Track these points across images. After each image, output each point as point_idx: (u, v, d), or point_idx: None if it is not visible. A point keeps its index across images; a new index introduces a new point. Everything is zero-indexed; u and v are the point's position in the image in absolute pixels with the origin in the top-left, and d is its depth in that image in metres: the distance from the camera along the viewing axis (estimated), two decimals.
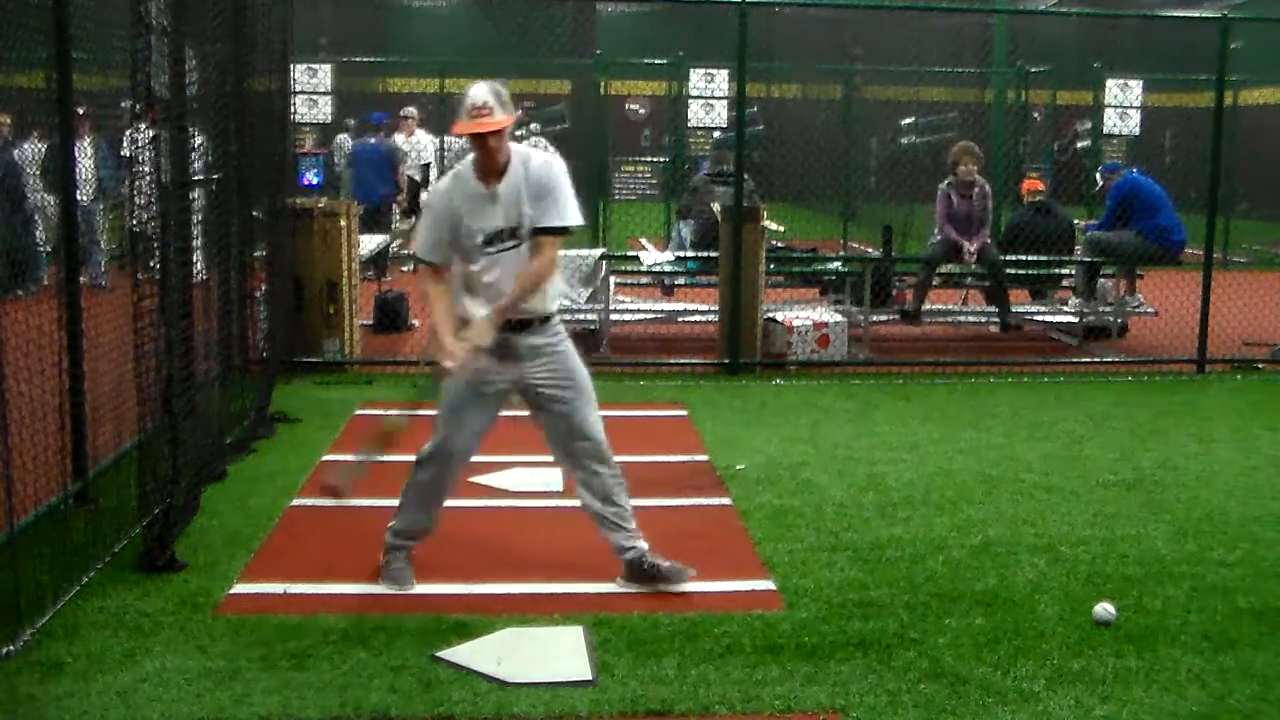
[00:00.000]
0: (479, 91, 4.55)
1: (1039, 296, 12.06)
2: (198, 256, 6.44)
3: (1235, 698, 4.12)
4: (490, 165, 4.66)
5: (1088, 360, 10.52)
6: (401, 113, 15.63)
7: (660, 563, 4.97)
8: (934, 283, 10.89)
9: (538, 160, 4.75)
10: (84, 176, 9.97)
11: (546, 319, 4.83)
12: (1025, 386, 9.46)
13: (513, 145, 4.74)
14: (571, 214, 4.73)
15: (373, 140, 15.53)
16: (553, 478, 6.31)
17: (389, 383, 9.06)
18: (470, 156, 4.75)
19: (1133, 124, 16.31)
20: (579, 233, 5.81)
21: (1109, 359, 10.51)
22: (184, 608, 4.69)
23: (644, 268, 10.85)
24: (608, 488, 4.91)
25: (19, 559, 4.57)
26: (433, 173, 13.83)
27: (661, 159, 21.20)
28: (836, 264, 11.78)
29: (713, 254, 10.12)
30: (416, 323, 11.43)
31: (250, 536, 5.54)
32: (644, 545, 4.98)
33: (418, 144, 15.32)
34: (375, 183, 14.92)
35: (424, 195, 14.47)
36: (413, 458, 4.95)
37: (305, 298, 9.19)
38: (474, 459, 5.06)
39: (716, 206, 10.31)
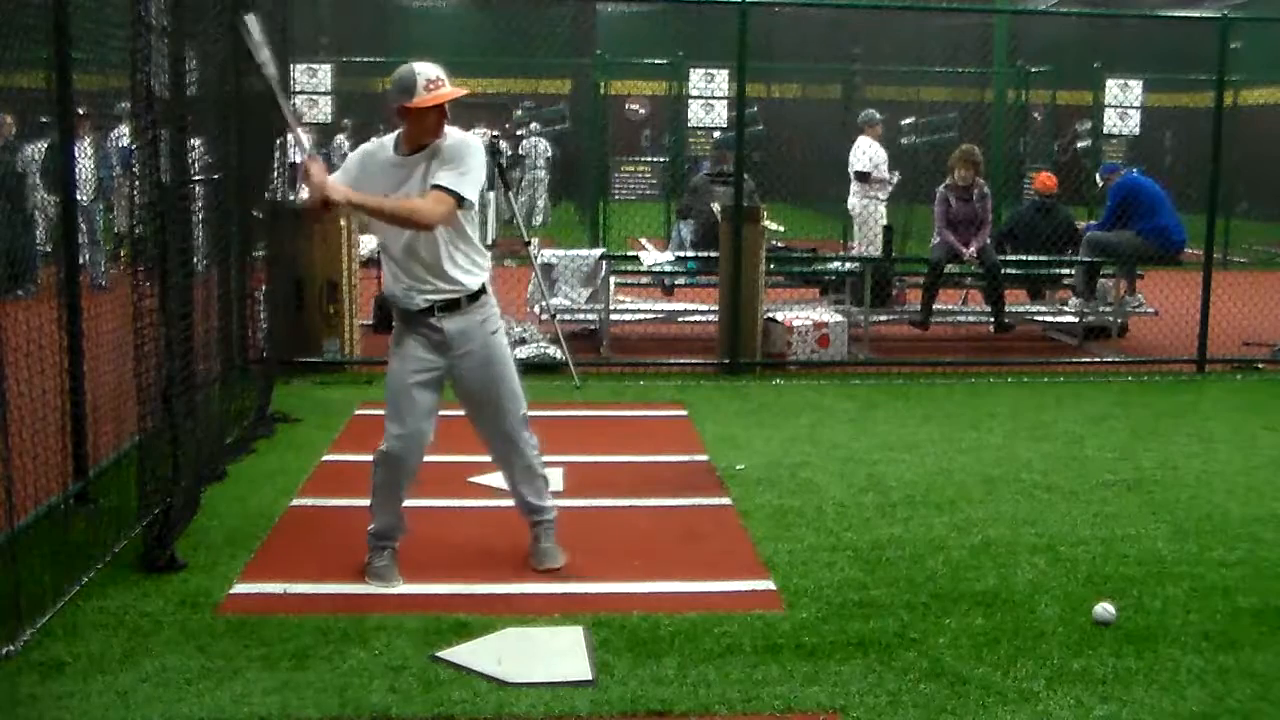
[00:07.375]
0: (426, 67, 4.64)
1: (1038, 296, 12.06)
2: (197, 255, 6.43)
3: (1235, 698, 4.12)
4: (430, 135, 4.69)
5: (1088, 360, 10.52)
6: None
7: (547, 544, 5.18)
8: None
9: (455, 137, 4.77)
10: (84, 176, 9.97)
11: (474, 297, 4.85)
12: (1025, 386, 9.46)
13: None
14: (467, 187, 4.67)
15: None
16: (553, 478, 6.30)
17: None
18: (395, 134, 4.78)
19: (1133, 124, 16.33)
20: (579, 232, 5.80)
21: (1109, 359, 10.51)
22: (184, 608, 4.69)
23: (644, 268, 10.85)
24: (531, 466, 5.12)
25: (19, 559, 4.57)
26: None
27: (661, 159, 21.20)
28: (836, 264, 11.78)
29: (713, 254, 10.11)
30: None
31: (250, 536, 5.54)
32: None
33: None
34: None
35: None
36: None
37: (305, 298, 9.19)
38: (472, 459, 5.07)
39: (716, 206, 10.30)
